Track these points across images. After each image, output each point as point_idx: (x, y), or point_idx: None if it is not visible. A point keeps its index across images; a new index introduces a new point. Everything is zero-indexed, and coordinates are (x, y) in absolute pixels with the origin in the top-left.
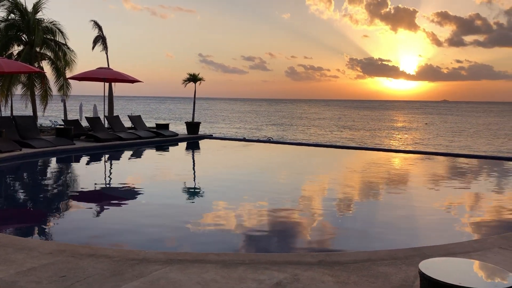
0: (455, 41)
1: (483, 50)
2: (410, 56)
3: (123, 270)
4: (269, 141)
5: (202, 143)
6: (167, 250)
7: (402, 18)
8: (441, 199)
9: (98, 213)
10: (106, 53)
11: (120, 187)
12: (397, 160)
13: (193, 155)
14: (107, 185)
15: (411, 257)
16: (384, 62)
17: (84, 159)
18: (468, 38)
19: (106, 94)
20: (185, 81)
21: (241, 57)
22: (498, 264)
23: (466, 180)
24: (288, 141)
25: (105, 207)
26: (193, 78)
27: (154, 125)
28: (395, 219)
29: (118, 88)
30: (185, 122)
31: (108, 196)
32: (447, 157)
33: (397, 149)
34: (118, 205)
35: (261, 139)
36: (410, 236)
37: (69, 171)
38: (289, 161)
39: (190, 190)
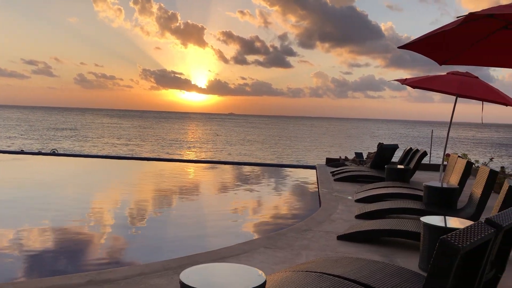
0: (240, 60)
1: (263, 69)
2: (200, 70)
3: None
4: (53, 153)
5: None
6: None
7: (192, 34)
8: (221, 205)
9: None
10: None
11: None
12: (186, 169)
13: None
14: None
15: (184, 266)
16: (177, 75)
17: None
18: (250, 58)
19: None
20: None
21: (22, 60)
22: (262, 263)
23: (247, 187)
24: (76, 153)
25: None
26: None
27: None
28: (176, 228)
29: None
30: None
31: None
32: (232, 165)
33: (187, 159)
34: None
35: (43, 151)
36: (187, 244)
37: None
38: (74, 175)
39: None
